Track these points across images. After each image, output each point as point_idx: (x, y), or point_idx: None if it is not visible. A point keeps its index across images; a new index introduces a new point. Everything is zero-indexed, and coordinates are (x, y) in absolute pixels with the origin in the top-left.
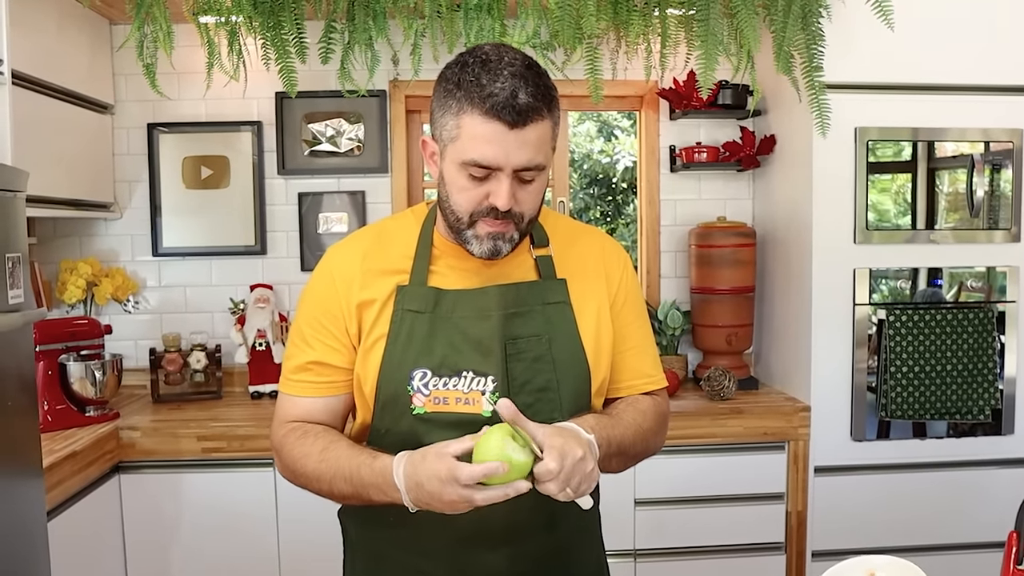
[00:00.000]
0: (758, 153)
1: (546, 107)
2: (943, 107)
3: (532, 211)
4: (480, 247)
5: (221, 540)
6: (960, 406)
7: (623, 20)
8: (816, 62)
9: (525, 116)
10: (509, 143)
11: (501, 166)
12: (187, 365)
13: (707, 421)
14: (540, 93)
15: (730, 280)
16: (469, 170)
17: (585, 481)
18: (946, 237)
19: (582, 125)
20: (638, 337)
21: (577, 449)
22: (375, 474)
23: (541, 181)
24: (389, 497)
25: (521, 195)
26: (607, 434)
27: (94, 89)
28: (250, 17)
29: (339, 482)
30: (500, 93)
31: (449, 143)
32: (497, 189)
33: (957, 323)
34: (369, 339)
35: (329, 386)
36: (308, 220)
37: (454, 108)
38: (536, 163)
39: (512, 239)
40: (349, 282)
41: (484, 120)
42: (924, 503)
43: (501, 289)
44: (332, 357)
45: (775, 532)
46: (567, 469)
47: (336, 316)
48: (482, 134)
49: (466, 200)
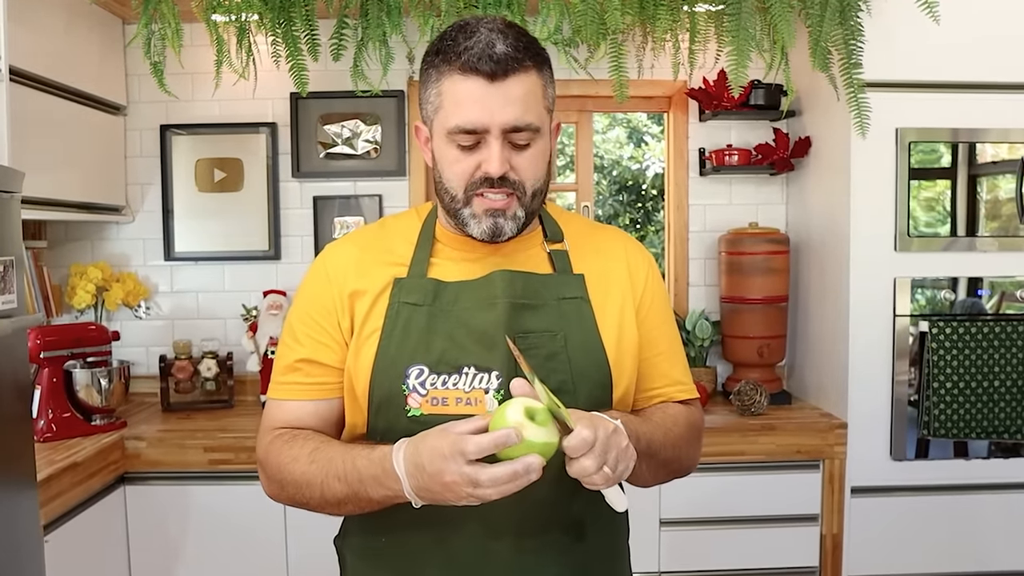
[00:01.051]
0: (792, 156)
1: (530, 59)
2: (987, 106)
3: (535, 182)
4: (479, 227)
5: (228, 556)
6: (1008, 424)
7: (649, 15)
8: (855, 59)
9: (505, 66)
10: (491, 99)
11: (487, 126)
12: (198, 373)
13: (737, 438)
14: (521, 45)
15: (762, 289)
16: (456, 139)
17: (623, 459)
18: (990, 245)
19: (612, 131)
20: (667, 342)
21: (608, 423)
22: (373, 463)
23: (539, 147)
24: (389, 490)
25: (517, 161)
26: (635, 428)
27: (105, 90)
28: (260, 14)
29: (332, 482)
30: (475, 46)
31: (435, 116)
32: (488, 155)
33: (1006, 336)
34: (362, 334)
35: (319, 388)
36: (323, 225)
37: (434, 76)
38: (526, 122)
39: (516, 216)
40: (344, 273)
41: (462, 77)
42: (968, 527)
43: (507, 275)
44: (323, 354)
45: (809, 556)
46: (602, 439)
47: (328, 310)
48: (462, 93)
49: (458, 173)
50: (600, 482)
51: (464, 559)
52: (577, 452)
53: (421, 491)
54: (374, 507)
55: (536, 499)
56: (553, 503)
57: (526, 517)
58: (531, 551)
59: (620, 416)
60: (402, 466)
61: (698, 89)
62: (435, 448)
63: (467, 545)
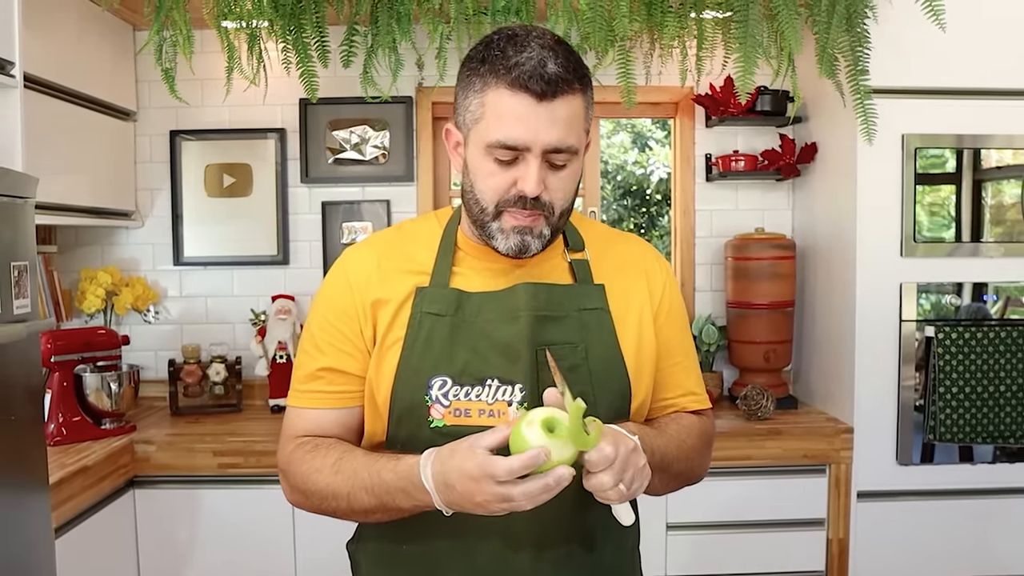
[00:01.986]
0: (798, 161)
1: (578, 81)
2: (993, 112)
3: (564, 202)
4: (506, 242)
5: (236, 559)
6: (1014, 429)
7: (657, 22)
8: (862, 65)
9: (555, 87)
10: (538, 119)
11: (529, 145)
12: (206, 377)
13: (743, 442)
14: (571, 66)
15: (768, 294)
16: (495, 153)
17: (638, 477)
18: (995, 250)
19: (616, 136)
20: (683, 352)
21: (629, 440)
22: (400, 477)
23: (573, 168)
24: (418, 502)
25: (551, 181)
26: (651, 443)
27: (116, 96)
28: (271, 20)
29: (359, 494)
30: (527, 63)
31: (473, 126)
32: (525, 173)
33: (1011, 341)
34: (384, 343)
35: (341, 396)
36: (331, 230)
37: (478, 85)
38: (568, 144)
39: (542, 235)
40: (365, 281)
41: (510, 93)
42: (973, 531)
43: (531, 288)
44: (345, 363)
45: (815, 560)
46: (622, 456)
47: (350, 317)
48: (508, 109)
49: (492, 187)
50: (614, 498)
51: (484, 569)
52: (597, 468)
53: (452, 505)
54: (404, 515)
55: (555, 511)
56: (571, 516)
57: (545, 529)
58: (549, 561)
59: (638, 431)
60: (431, 483)
61: (705, 95)
62: (463, 470)
63: (488, 555)
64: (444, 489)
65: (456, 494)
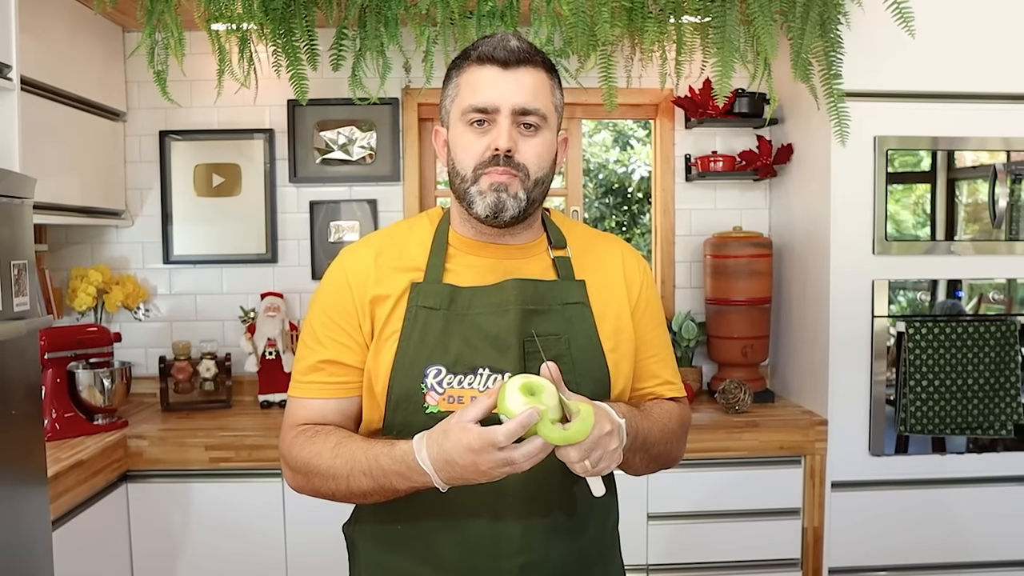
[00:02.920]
0: (775, 162)
1: (540, 59)
2: (964, 116)
3: (537, 168)
4: (483, 202)
5: (228, 551)
6: (981, 421)
7: (638, 27)
8: (835, 69)
9: (518, 56)
10: (504, 83)
11: (498, 106)
12: (197, 374)
13: (722, 434)
14: (533, 49)
15: (746, 291)
16: (470, 117)
17: (606, 459)
18: (967, 248)
19: (598, 135)
20: (659, 345)
21: (605, 423)
22: (396, 461)
23: (544, 138)
24: (414, 482)
25: (523, 146)
26: (636, 424)
27: (106, 96)
28: (261, 24)
29: (357, 476)
30: (491, 41)
31: (452, 107)
32: (498, 133)
33: (979, 336)
34: (382, 336)
35: (341, 387)
36: (319, 229)
37: (454, 75)
38: (534, 107)
39: (517, 196)
40: (363, 278)
41: (479, 67)
42: (944, 520)
43: (519, 283)
44: (345, 355)
45: (791, 548)
46: (592, 440)
47: (350, 313)
48: (478, 79)
49: (470, 154)
50: (579, 471)
51: (477, 539)
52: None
53: (452, 479)
54: (401, 495)
55: (541, 487)
56: (556, 491)
57: (534, 500)
58: (538, 532)
59: (627, 413)
60: (428, 463)
61: (684, 97)
62: (463, 444)
63: (480, 528)
64: (445, 467)
65: (458, 468)
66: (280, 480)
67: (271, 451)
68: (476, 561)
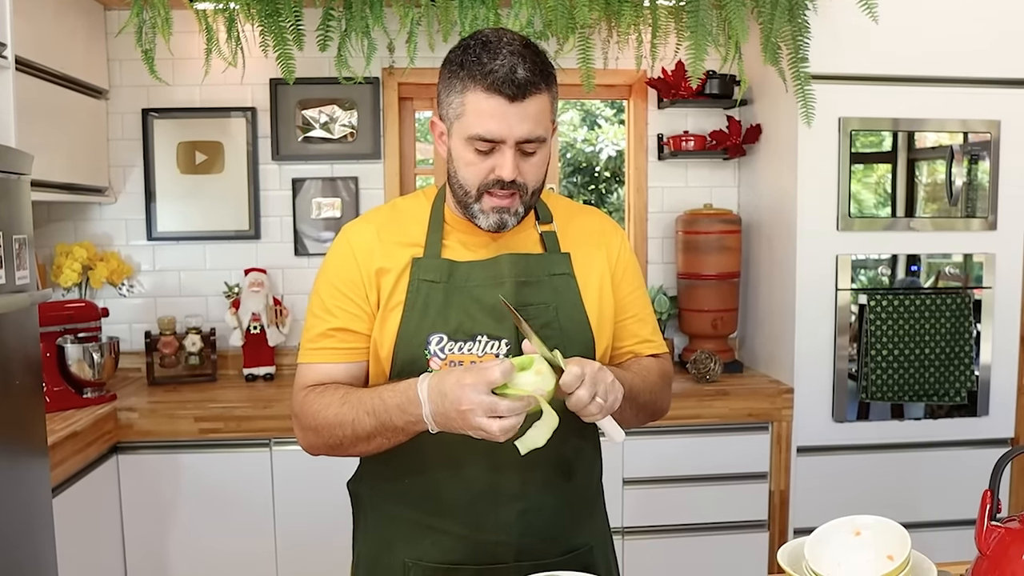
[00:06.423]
0: (744, 142)
1: (543, 82)
2: (924, 98)
3: (536, 183)
4: (487, 220)
5: (218, 520)
6: (937, 389)
7: (615, 11)
8: (802, 53)
9: (524, 90)
10: (510, 116)
11: (504, 138)
12: (182, 348)
13: (693, 403)
14: (538, 69)
15: (716, 266)
16: (475, 144)
17: (611, 391)
18: (925, 225)
19: (566, 114)
20: (638, 306)
21: (594, 362)
22: (398, 393)
23: (543, 154)
24: (410, 416)
25: (524, 167)
26: (618, 374)
27: (89, 74)
28: (248, 4)
29: (362, 417)
30: (500, 70)
31: (455, 120)
32: (501, 161)
33: (936, 308)
34: (388, 306)
35: (351, 352)
36: (301, 205)
37: (458, 87)
38: (537, 135)
39: (517, 212)
40: (368, 251)
41: (486, 96)
42: (902, 482)
43: (512, 257)
44: (354, 323)
45: (759, 510)
46: (591, 374)
47: (357, 283)
48: (485, 109)
49: (473, 174)
50: (595, 411)
51: (478, 491)
52: (571, 387)
53: (438, 416)
54: (399, 436)
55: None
56: (550, 446)
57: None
58: (534, 484)
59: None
60: (425, 392)
61: (658, 79)
62: (460, 378)
63: (481, 479)
64: (437, 397)
65: (446, 401)
66: (268, 450)
67: (260, 422)
68: (478, 507)
